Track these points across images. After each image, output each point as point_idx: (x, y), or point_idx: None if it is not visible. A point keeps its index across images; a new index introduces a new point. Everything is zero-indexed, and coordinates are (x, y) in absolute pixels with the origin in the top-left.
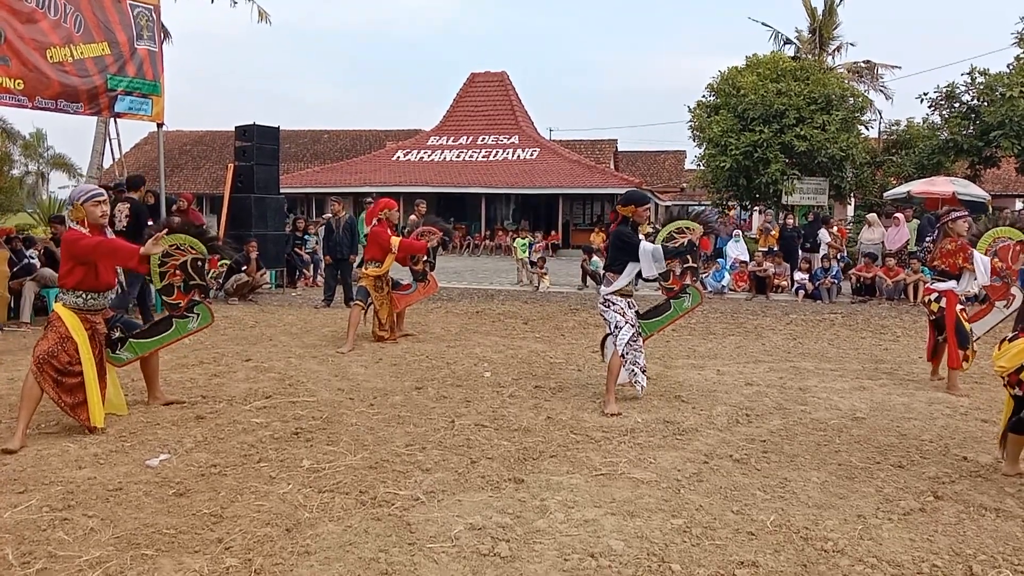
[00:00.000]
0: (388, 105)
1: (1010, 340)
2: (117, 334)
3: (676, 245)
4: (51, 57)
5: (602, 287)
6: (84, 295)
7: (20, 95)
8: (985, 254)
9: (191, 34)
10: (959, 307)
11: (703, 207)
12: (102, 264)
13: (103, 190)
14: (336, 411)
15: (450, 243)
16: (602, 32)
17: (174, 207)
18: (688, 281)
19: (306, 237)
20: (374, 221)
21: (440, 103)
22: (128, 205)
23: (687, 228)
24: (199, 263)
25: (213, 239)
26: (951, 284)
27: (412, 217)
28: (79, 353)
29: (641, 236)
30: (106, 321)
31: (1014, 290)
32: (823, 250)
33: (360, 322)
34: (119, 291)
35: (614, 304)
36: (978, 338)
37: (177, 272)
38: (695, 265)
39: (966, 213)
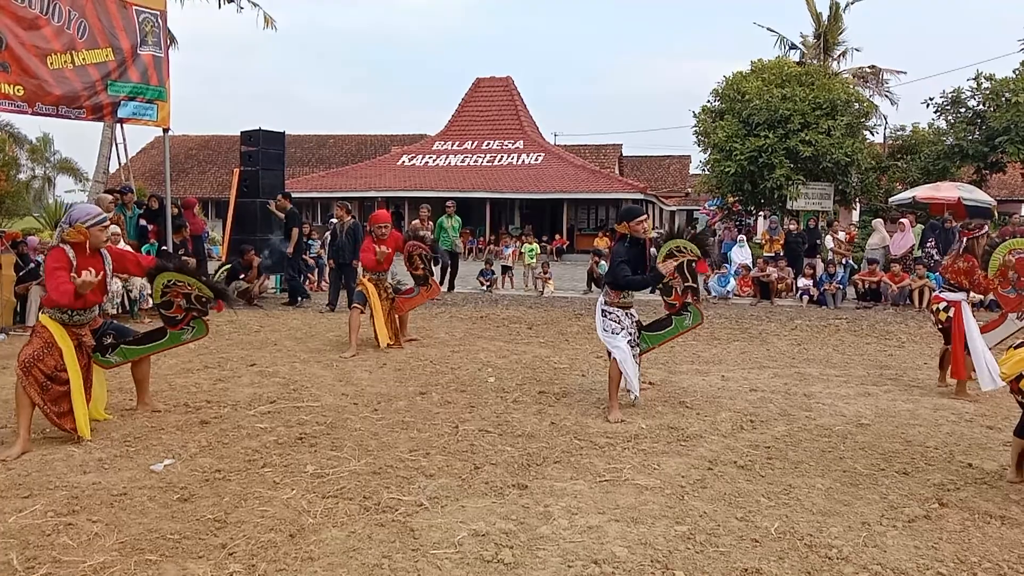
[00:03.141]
0: (394, 110)
1: (1016, 347)
2: (109, 340)
3: (675, 263)
4: (51, 63)
5: (601, 296)
6: (70, 312)
7: (20, 101)
8: (1002, 265)
9: (197, 39)
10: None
11: (708, 207)
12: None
13: (105, 215)
14: (340, 416)
15: (439, 258)
16: (607, 37)
17: (176, 208)
18: (689, 300)
19: (310, 242)
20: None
21: (446, 108)
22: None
23: (685, 248)
24: (203, 299)
25: (220, 288)
26: (960, 295)
27: (415, 222)
28: (64, 360)
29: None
30: (97, 329)
31: None
32: (829, 255)
33: (360, 325)
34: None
35: (610, 314)
36: (992, 347)
37: (180, 295)
38: (695, 286)
39: (987, 230)
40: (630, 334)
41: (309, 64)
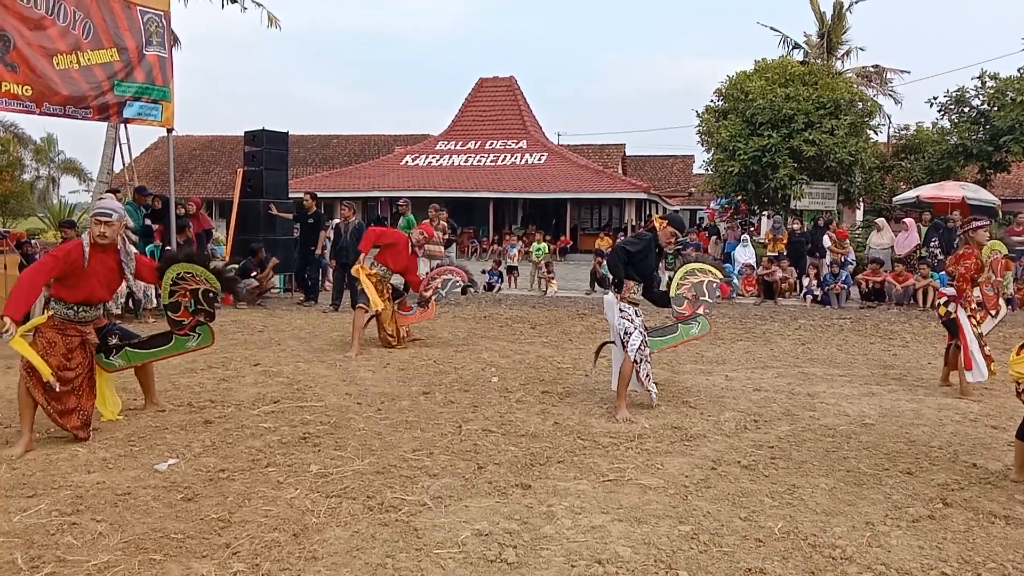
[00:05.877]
0: (394, 109)
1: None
2: (114, 341)
3: (693, 281)
4: (58, 64)
5: (610, 292)
6: (75, 307)
7: (28, 101)
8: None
9: (200, 39)
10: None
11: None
12: (97, 278)
13: (110, 211)
14: (344, 416)
15: (470, 289)
16: (607, 37)
17: (180, 209)
18: (700, 311)
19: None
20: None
21: (446, 108)
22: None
23: (705, 271)
24: (210, 294)
25: (229, 278)
26: None
27: (425, 222)
28: (67, 360)
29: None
30: (101, 329)
31: (1001, 300)
32: (828, 256)
33: (364, 325)
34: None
35: (623, 311)
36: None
37: (188, 294)
38: (711, 302)
39: (987, 223)
40: (642, 334)
41: (308, 63)
